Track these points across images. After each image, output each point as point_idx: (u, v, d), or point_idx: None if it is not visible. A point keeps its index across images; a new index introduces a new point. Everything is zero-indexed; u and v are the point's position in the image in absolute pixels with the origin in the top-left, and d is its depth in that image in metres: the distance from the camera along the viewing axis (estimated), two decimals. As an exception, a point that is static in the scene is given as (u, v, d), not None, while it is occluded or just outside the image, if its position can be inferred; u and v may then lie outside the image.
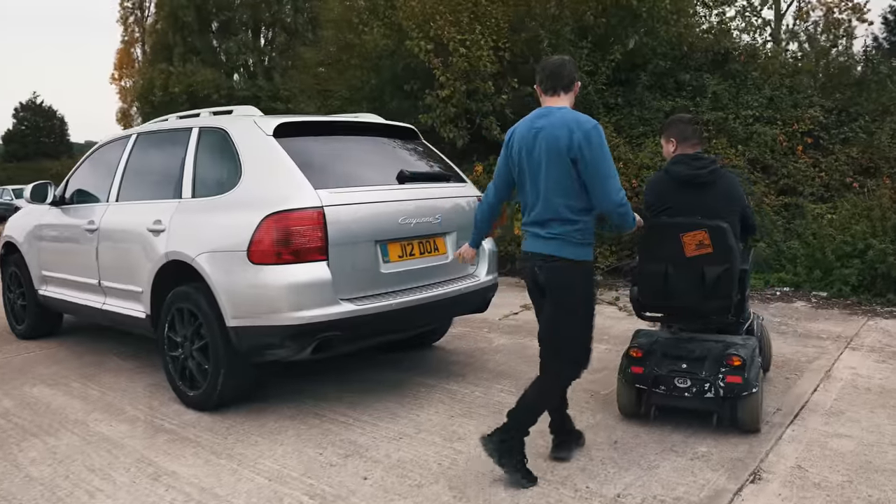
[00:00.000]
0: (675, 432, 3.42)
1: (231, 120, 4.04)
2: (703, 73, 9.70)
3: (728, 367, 3.30)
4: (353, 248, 3.61)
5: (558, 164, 2.82)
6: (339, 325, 3.50)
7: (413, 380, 4.37)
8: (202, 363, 3.80)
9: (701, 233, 3.24)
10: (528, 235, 2.99)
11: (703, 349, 3.45)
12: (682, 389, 3.36)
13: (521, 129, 2.98)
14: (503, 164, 3.08)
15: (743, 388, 3.27)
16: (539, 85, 3.03)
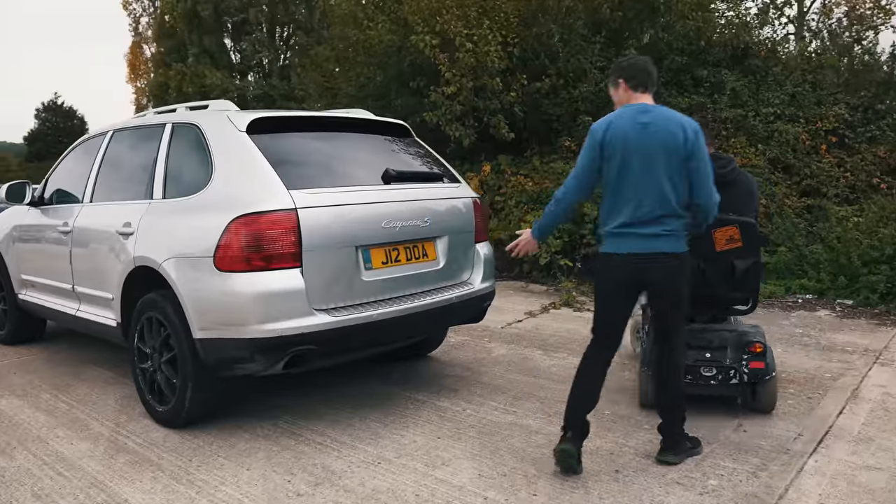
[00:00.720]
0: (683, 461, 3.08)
1: (204, 115, 3.77)
2: (721, 69, 9.30)
3: (751, 354, 3.53)
4: (331, 255, 3.31)
5: (674, 160, 2.85)
6: (313, 339, 3.20)
7: (401, 395, 4.07)
8: (171, 377, 3.53)
9: (732, 228, 3.43)
10: (627, 235, 2.90)
11: (721, 338, 3.65)
12: (708, 378, 3.56)
13: (621, 124, 2.89)
14: (591, 161, 2.95)
15: (765, 372, 3.52)
16: (627, 81, 3.00)
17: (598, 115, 9.16)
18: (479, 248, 4.16)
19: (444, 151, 10.32)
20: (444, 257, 3.87)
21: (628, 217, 2.87)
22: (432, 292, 3.77)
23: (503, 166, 9.32)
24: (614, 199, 2.92)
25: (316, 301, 3.24)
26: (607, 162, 2.89)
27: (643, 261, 2.88)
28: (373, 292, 3.49)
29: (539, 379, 4.35)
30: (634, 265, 2.90)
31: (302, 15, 26.03)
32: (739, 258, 3.50)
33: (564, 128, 9.33)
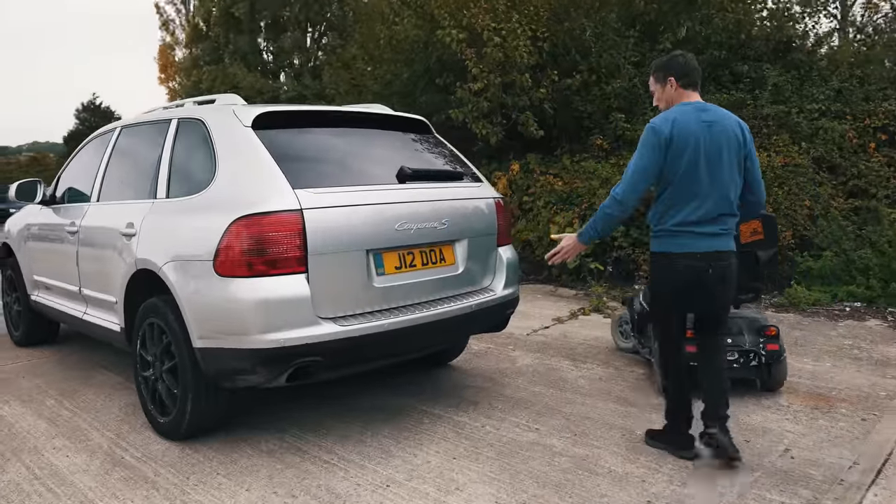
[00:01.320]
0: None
1: (209, 109, 3.56)
2: (762, 64, 8.85)
3: (767, 337, 3.83)
4: (339, 259, 3.07)
5: (736, 159, 2.91)
6: (318, 350, 2.97)
7: (417, 408, 3.82)
8: (171, 387, 3.33)
9: (756, 222, 3.63)
10: (687, 234, 2.90)
11: (737, 325, 3.87)
12: (731, 362, 3.76)
13: (686, 121, 2.86)
14: (656, 160, 2.88)
15: (780, 353, 3.84)
16: (678, 78, 2.99)
17: (632, 111, 8.86)
18: (501, 252, 3.89)
19: (471, 150, 10.06)
20: (463, 262, 3.62)
21: (690, 215, 2.87)
22: (450, 300, 3.51)
23: (532, 165, 9.02)
24: (673, 198, 2.90)
25: (322, 309, 3.01)
26: (672, 161, 2.86)
27: (704, 260, 2.89)
28: (385, 300, 3.24)
29: (565, 392, 4.06)
30: (705, 264, 2.90)
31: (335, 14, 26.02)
32: (762, 249, 3.73)
33: (596, 125, 8.99)
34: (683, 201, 2.88)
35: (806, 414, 3.63)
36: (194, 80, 25.62)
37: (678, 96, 2.99)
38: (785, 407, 3.73)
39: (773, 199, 7.09)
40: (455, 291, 3.58)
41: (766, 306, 6.45)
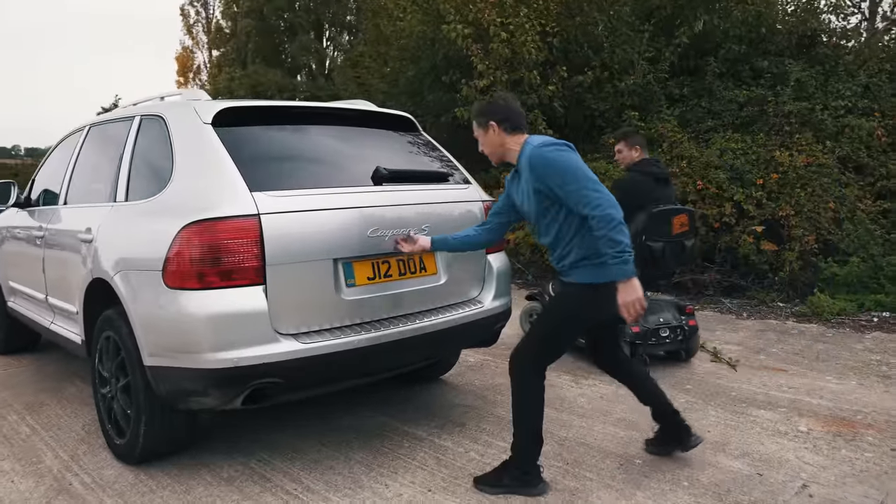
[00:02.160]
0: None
1: (170, 106, 3.29)
2: (784, 59, 8.42)
3: (687, 314, 4.57)
4: (303, 269, 2.78)
5: None
6: (277, 370, 2.67)
7: (399, 429, 3.51)
8: (126, 406, 3.07)
9: (684, 215, 4.35)
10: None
11: (659, 306, 4.58)
12: (665, 337, 4.48)
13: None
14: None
15: (696, 328, 4.62)
16: (500, 123, 2.79)
17: (646, 109, 8.47)
18: (491, 260, 3.58)
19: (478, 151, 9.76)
20: (446, 271, 3.31)
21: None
22: (431, 313, 3.20)
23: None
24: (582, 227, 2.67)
25: (283, 324, 2.72)
26: None
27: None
28: (356, 313, 2.94)
29: (562, 413, 3.73)
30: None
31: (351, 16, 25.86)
32: (687, 239, 4.38)
33: (608, 124, 8.63)
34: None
35: (827, 442, 3.26)
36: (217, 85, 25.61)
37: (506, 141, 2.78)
38: (804, 433, 3.37)
39: (795, 201, 6.69)
40: (437, 304, 3.28)
41: (786, 315, 6.06)
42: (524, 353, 2.80)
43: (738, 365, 4.55)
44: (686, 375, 4.36)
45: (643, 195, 4.26)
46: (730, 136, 7.58)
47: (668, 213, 4.26)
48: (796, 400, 3.85)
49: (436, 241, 3.03)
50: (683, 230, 4.29)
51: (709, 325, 5.75)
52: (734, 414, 3.65)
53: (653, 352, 4.47)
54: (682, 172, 7.11)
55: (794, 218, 6.61)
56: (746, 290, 6.77)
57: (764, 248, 6.62)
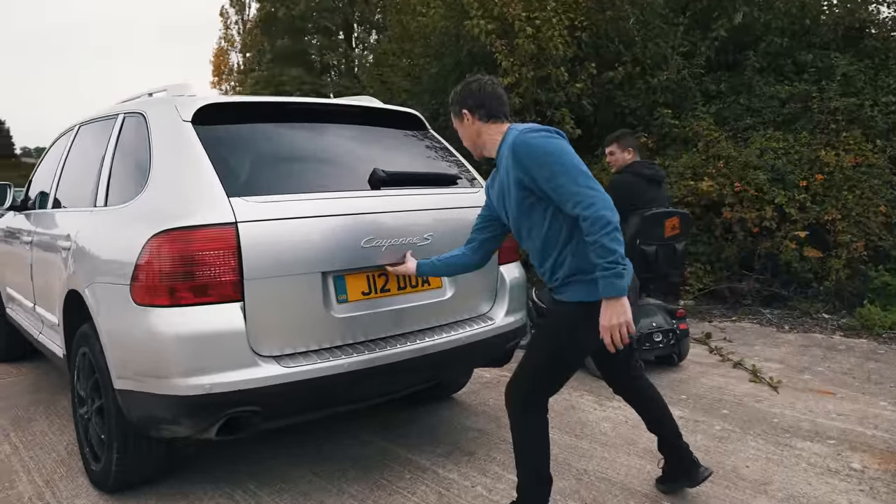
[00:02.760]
0: None
1: (151, 102, 3.03)
2: (830, 52, 7.88)
3: (678, 318, 4.48)
4: (287, 284, 2.49)
5: None
6: (255, 397, 2.39)
7: (401, 456, 3.20)
8: (100, 430, 2.82)
9: (675, 218, 4.37)
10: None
11: (650, 310, 4.46)
12: (658, 342, 4.38)
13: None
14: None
15: (688, 331, 4.55)
16: (474, 111, 2.45)
17: (680, 107, 8.02)
18: (503, 272, 3.25)
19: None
20: (453, 284, 2.99)
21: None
22: (433, 331, 2.88)
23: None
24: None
25: (263, 345, 2.43)
26: None
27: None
28: (349, 333, 2.64)
29: (582, 440, 3.38)
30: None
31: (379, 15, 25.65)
32: (678, 242, 4.41)
33: (640, 122, 8.18)
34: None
35: (886, 483, 2.86)
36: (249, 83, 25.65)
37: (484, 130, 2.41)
38: (858, 472, 2.96)
39: (842, 205, 6.20)
40: (442, 321, 2.96)
41: (832, 328, 5.59)
42: (518, 387, 2.41)
43: (781, 386, 4.14)
44: (722, 397, 3.96)
45: (636, 197, 4.31)
46: (771, 135, 7.10)
47: (661, 215, 4.31)
48: (847, 430, 3.44)
49: (421, 266, 2.69)
50: (675, 233, 4.35)
51: (747, 339, 5.33)
52: (777, 446, 3.26)
53: (645, 357, 4.35)
54: (719, 173, 6.66)
55: (840, 222, 6.12)
56: (788, 301, 6.30)
57: (808, 255, 6.15)
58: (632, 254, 4.24)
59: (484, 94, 2.40)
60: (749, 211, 6.39)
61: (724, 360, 4.71)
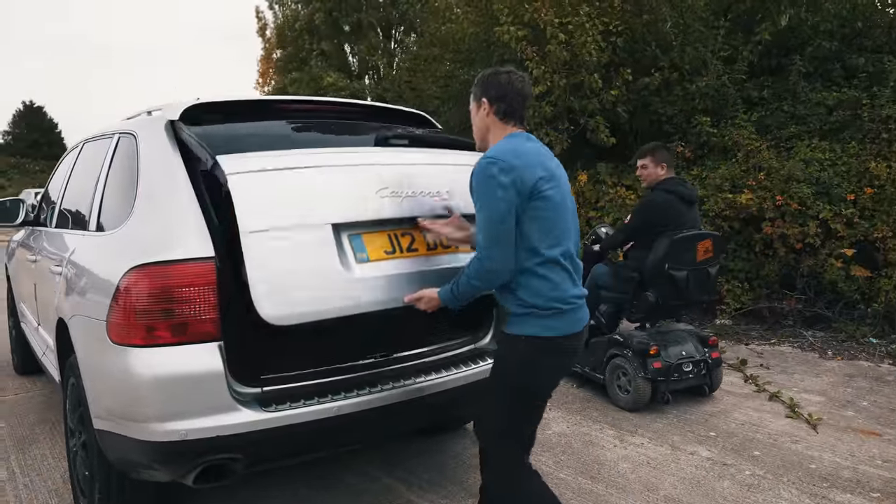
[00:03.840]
0: None
1: (143, 122, 2.89)
2: (883, 56, 7.42)
3: (710, 346, 4.21)
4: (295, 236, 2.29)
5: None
6: (235, 444, 2.22)
7: (402, 496, 3.02)
8: (84, 466, 2.71)
9: (708, 241, 4.15)
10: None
11: (681, 337, 4.22)
12: (688, 372, 4.10)
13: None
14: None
15: (720, 359, 4.26)
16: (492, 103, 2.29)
17: (720, 114, 7.65)
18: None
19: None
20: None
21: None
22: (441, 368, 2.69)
23: (602, 176, 8.00)
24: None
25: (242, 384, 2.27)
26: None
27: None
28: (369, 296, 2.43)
29: (597, 484, 3.14)
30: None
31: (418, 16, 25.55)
32: (711, 266, 4.20)
33: (677, 130, 7.85)
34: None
35: (936, 549, 2.55)
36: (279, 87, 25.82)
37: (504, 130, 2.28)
38: (904, 534, 2.66)
39: (894, 220, 5.79)
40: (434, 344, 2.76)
41: (881, 356, 5.21)
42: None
43: (820, 424, 3.82)
44: (755, 436, 3.67)
45: (671, 218, 4.12)
46: (816, 145, 6.71)
47: (693, 238, 4.09)
48: (893, 480, 3.12)
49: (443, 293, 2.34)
50: (707, 256, 4.12)
51: (787, 366, 4.99)
52: (812, 497, 2.97)
53: (675, 388, 4.11)
54: (760, 185, 6.31)
55: (891, 240, 5.72)
56: (832, 323, 5.91)
57: (854, 274, 5.76)
58: (660, 279, 3.99)
59: (511, 89, 2.25)
60: (791, 226, 6.03)
61: (759, 391, 4.40)
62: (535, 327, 2.12)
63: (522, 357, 2.15)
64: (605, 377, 4.23)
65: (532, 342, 2.12)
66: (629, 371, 4.04)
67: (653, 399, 4.05)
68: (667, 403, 4.08)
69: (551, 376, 2.25)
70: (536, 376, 2.17)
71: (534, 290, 2.12)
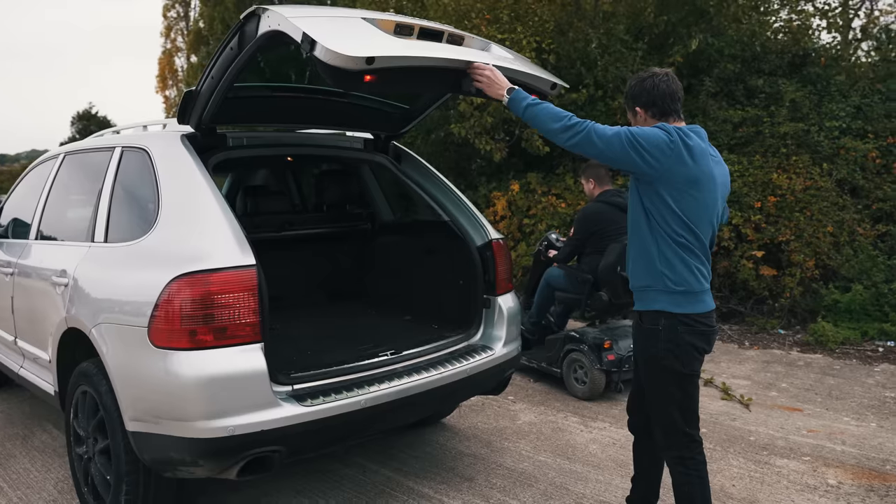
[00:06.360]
0: None
1: (154, 137, 3.02)
2: (778, 78, 8.33)
3: None
4: (305, 322, 2.52)
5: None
6: (278, 438, 2.41)
7: (402, 484, 3.26)
8: (105, 471, 2.78)
9: None
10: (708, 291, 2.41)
11: (628, 332, 4.50)
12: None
13: (699, 144, 2.33)
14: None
15: None
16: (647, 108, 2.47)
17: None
18: (500, 302, 3.34)
19: (469, 168, 9.55)
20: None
21: (704, 266, 2.44)
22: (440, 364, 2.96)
23: (533, 185, 8.49)
24: (689, 240, 2.38)
25: (283, 379, 2.47)
26: (692, 190, 2.34)
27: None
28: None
29: (575, 463, 3.50)
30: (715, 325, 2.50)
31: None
32: None
33: (602, 143, 8.45)
34: (696, 246, 2.41)
35: (861, 498, 3.08)
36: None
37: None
38: (834, 487, 3.18)
39: (795, 225, 6.56)
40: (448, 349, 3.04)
41: (789, 344, 5.91)
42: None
43: (752, 404, 4.37)
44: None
45: (602, 224, 4.52)
46: (726, 158, 7.45)
47: None
48: (819, 446, 3.67)
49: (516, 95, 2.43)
50: None
51: (713, 356, 5.56)
52: (757, 464, 3.45)
53: (626, 377, 4.40)
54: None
55: (794, 242, 6.48)
56: (746, 317, 6.61)
57: (763, 274, 6.48)
58: (612, 280, 4.43)
59: (657, 92, 2.41)
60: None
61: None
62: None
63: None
64: (562, 370, 4.62)
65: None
66: (586, 364, 4.45)
67: (607, 388, 4.47)
68: (619, 392, 4.51)
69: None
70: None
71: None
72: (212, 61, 2.59)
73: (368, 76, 2.24)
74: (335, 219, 4.24)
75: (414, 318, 3.66)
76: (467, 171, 9.52)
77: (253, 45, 2.42)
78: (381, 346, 3.00)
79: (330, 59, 2.15)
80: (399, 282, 3.96)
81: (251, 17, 2.41)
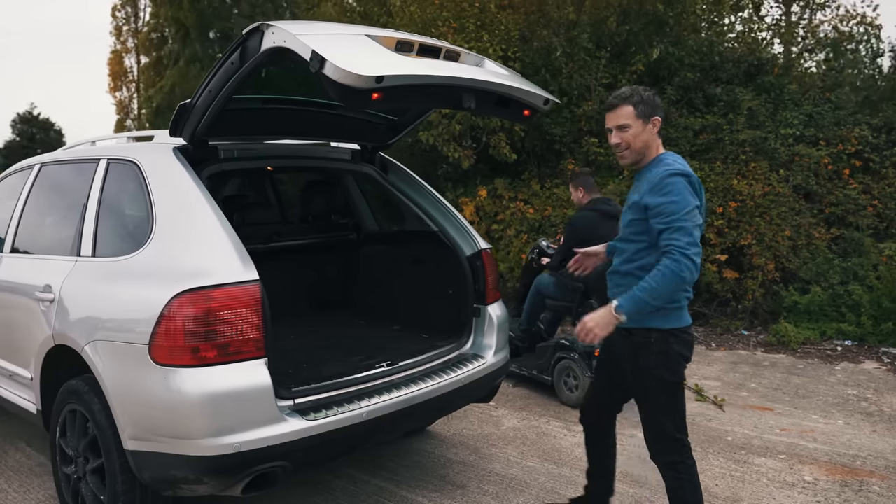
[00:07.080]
0: None
1: (144, 150, 2.97)
2: (735, 87, 8.63)
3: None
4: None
5: None
6: (284, 453, 2.41)
7: (395, 493, 3.27)
8: (98, 491, 2.71)
9: None
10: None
11: None
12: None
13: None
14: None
15: None
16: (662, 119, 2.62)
17: (604, 135, 8.51)
18: (490, 311, 3.39)
19: (435, 174, 9.59)
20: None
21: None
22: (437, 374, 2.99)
23: (500, 191, 8.58)
24: None
25: (286, 394, 2.46)
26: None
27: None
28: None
29: (562, 468, 3.57)
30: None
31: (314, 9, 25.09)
32: None
33: (567, 149, 8.62)
34: None
35: (837, 493, 3.23)
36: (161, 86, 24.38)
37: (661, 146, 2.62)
38: (811, 484, 3.33)
39: (756, 230, 6.81)
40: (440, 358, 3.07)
41: (753, 345, 6.13)
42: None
43: (725, 404, 4.52)
44: (676, 418, 4.28)
45: (590, 232, 4.36)
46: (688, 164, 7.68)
47: None
48: (792, 444, 3.83)
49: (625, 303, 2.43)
50: None
51: (683, 358, 5.74)
52: (737, 463, 3.58)
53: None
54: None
55: (755, 246, 6.73)
56: (710, 318, 6.83)
57: (726, 276, 6.70)
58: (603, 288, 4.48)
59: (661, 110, 2.59)
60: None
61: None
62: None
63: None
64: (552, 378, 4.66)
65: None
66: (576, 371, 4.50)
67: None
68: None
69: None
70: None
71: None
72: (210, 74, 2.57)
73: (376, 94, 2.26)
74: (322, 229, 4.22)
75: (402, 328, 3.68)
76: (434, 176, 9.56)
77: (255, 61, 2.42)
78: (375, 356, 3.01)
79: (340, 77, 2.17)
80: (386, 291, 3.98)
81: (254, 33, 2.41)
